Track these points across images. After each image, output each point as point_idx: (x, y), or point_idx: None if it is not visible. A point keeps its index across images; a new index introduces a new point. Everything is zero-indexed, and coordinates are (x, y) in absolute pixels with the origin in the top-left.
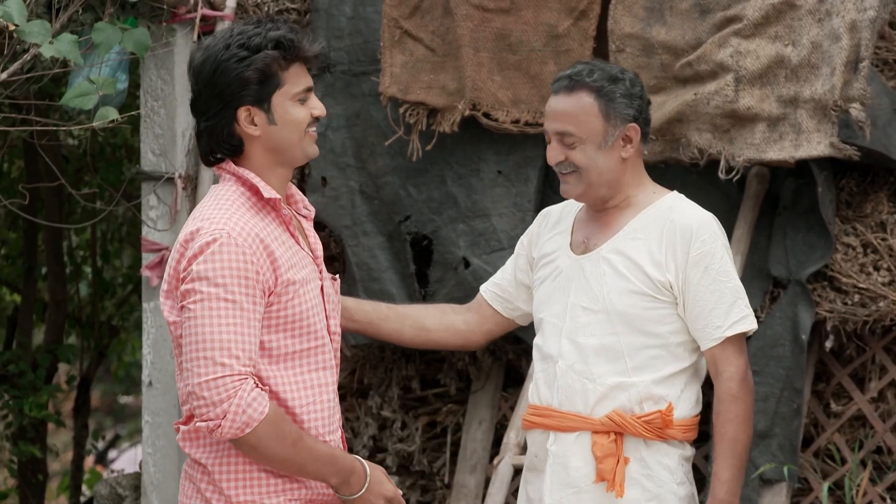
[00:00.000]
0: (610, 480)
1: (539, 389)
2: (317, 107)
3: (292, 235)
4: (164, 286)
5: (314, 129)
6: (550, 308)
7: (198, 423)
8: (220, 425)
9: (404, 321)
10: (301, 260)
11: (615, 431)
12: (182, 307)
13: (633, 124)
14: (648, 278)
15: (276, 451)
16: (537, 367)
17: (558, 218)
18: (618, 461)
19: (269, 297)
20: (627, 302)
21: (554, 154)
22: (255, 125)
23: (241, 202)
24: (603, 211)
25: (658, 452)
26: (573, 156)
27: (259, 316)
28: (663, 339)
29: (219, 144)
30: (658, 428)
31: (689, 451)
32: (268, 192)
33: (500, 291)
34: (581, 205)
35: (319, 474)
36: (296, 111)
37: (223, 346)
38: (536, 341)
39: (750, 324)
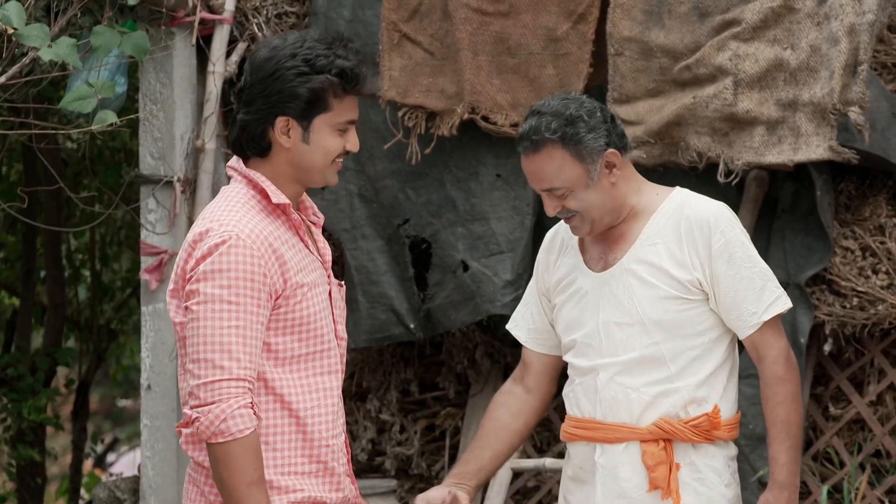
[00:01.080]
0: (665, 488)
1: (579, 402)
2: (352, 142)
3: (301, 239)
4: (171, 285)
5: (342, 159)
6: (581, 329)
7: (184, 410)
8: (198, 419)
9: (508, 440)
10: (310, 264)
11: (664, 438)
12: (187, 307)
13: (609, 150)
14: (676, 281)
15: (231, 477)
16: (575, 381)
17: (563, 238)
18: (670, 468)
19: (276, 300)
20: (661, 309)
21: (550, 207)
22: (289, 137)
23: (251, 204)
24: (612, 226)
25: (706, 455)
26: (568, 203)
27: (263, 319)
28: (702, 338)
29: (249, 141)
30: (706, 431)
31: (733, 450)
32: (276, 196)
33: (539, 335)
34: None
35: None
36: (331, 139)
37: (224, 348)
38: (570, 359)
39: (784, 303)
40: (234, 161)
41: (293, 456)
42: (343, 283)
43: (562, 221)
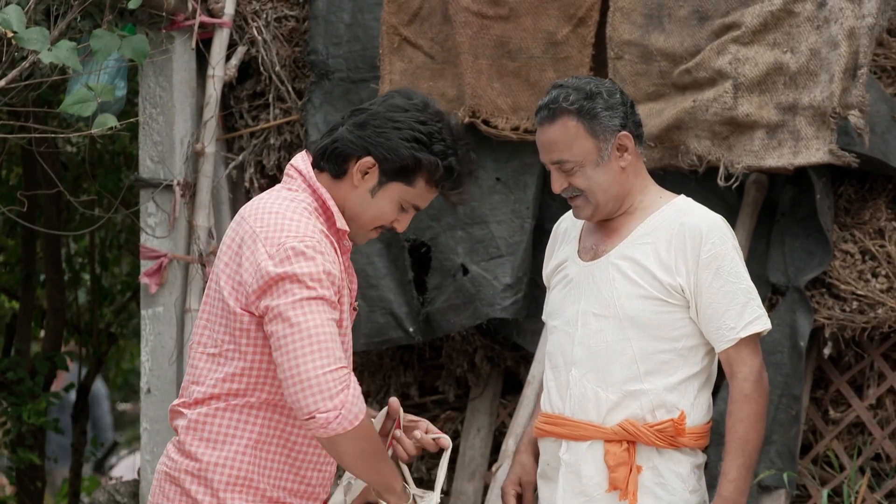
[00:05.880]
0: (623, 489)
1: (551, 397)
2: (402, 223)
3: (343, 265)
4: (225, 267)
5: (381, 230)
6: (562, 315)
7: (316, 416)
8: (339, 415)
9: None
10: (345, 291)
11: (627, 440)
12: (290, 303)
13: (623, 132)
14: (658, 282)
15: (374, 444)
16: (549, 375)
17: (567, 227)
18: (630, 470)
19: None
20: (638, 307)
21: (557, 183)
22: (363, 178)
23: (314, 217)
24: (611, 218)
25: (670, 461)
26: (575, 181)
27: (338, 311)
28: (675, 343)
29: (332, 155)
30: (670, 436)
31: (701, 458)
32: (341, 222)
33: None
34: None
35: (389, 478)
36: (391, 208)
37: (332, 339)
38: (548, 349)
39: (763, 324)
40: (302, 164)
41: (284, 471)
42: (357, 305)
43: (569, 212)
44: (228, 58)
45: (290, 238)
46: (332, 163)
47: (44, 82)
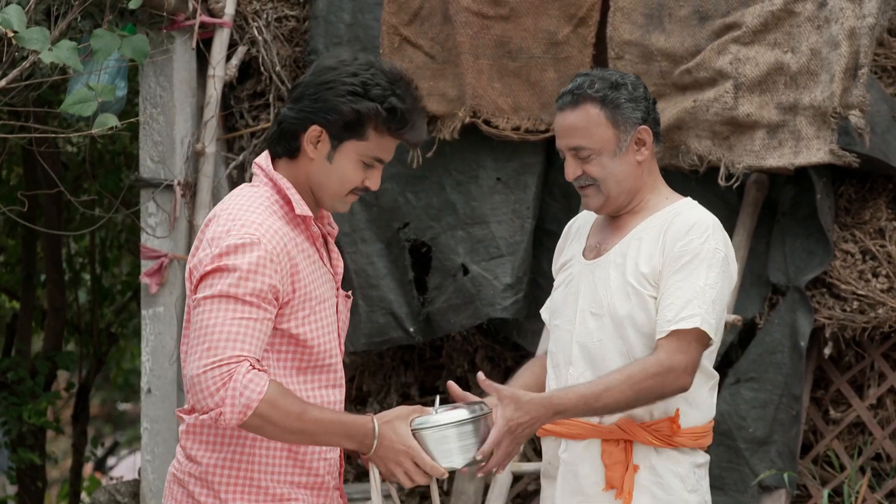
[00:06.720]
0: (619, 488)
1: None
2: (373, 180)
3: (318, 251)
4: (188, 283)
5: (358, 193)
6: (563, 314)
7: (200, 417)
8: (221, 413)
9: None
10: (322, 276)
11: (624, 439)
12: (197, 300)
13: (643, 126)
14: (644, 278)
15: (283, 427)
16: (550, 374)
17: (578, 226)
18: (626, 469)
19: (284, 307)
20: (628, 305)
21: (571, 170)
22: (316, 149)
23: (273, 209)
24: (617, 216)
25: (668, 460)
26: (589, 169)
27: (270, 318)
28: None
29: (281, 138)
30: (666, 435)
31: (702, 457)
32: (300, 208)
33: None
34: None
35: (334, 442)
36: (354, 169)
37: (230, 337)
38: (549, 348)
39: (696, 323)
40: (263, 160)
41: (289, 465)
42: (350, 294)
43: (584, 211)
44: (229, 58)
45: (232, 237)
46: (283, 145)
47: (44, 82)
